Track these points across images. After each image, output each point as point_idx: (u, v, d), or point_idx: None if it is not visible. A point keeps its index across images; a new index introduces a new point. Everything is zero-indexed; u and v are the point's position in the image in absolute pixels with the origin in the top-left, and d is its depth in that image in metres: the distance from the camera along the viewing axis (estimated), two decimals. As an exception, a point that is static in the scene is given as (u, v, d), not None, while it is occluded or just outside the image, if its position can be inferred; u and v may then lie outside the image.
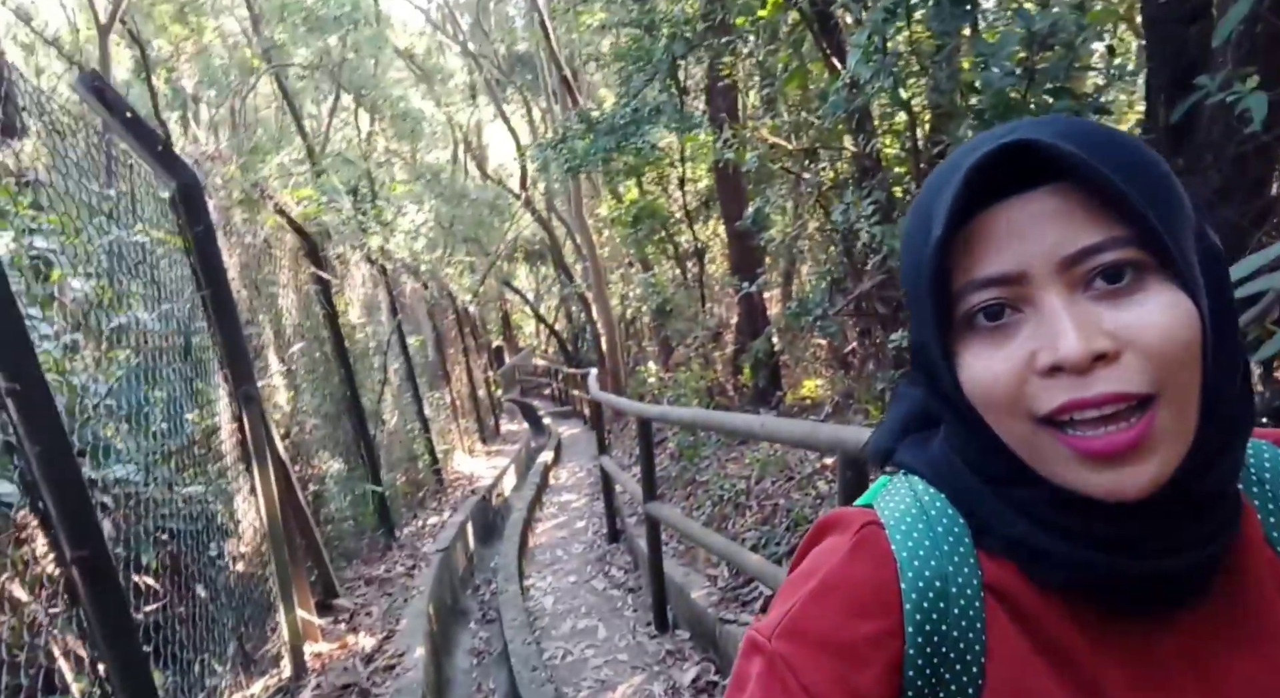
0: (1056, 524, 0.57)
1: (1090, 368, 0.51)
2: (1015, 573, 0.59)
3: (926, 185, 0.60)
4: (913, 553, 0.60)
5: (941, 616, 0.58)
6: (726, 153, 4.99)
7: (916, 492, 0.64)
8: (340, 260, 7.16)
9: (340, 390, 6.69)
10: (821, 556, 0.63)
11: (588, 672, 4.54)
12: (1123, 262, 0.52)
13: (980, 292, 0.54)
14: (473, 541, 7.76)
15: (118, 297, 3.39)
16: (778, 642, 0.58)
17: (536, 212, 20.86)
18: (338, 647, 4.29)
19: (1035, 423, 0.54)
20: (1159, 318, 0.51)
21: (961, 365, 0.57)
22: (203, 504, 3.63)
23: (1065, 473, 0.54)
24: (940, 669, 0.58)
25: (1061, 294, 0.53)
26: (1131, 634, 0.58)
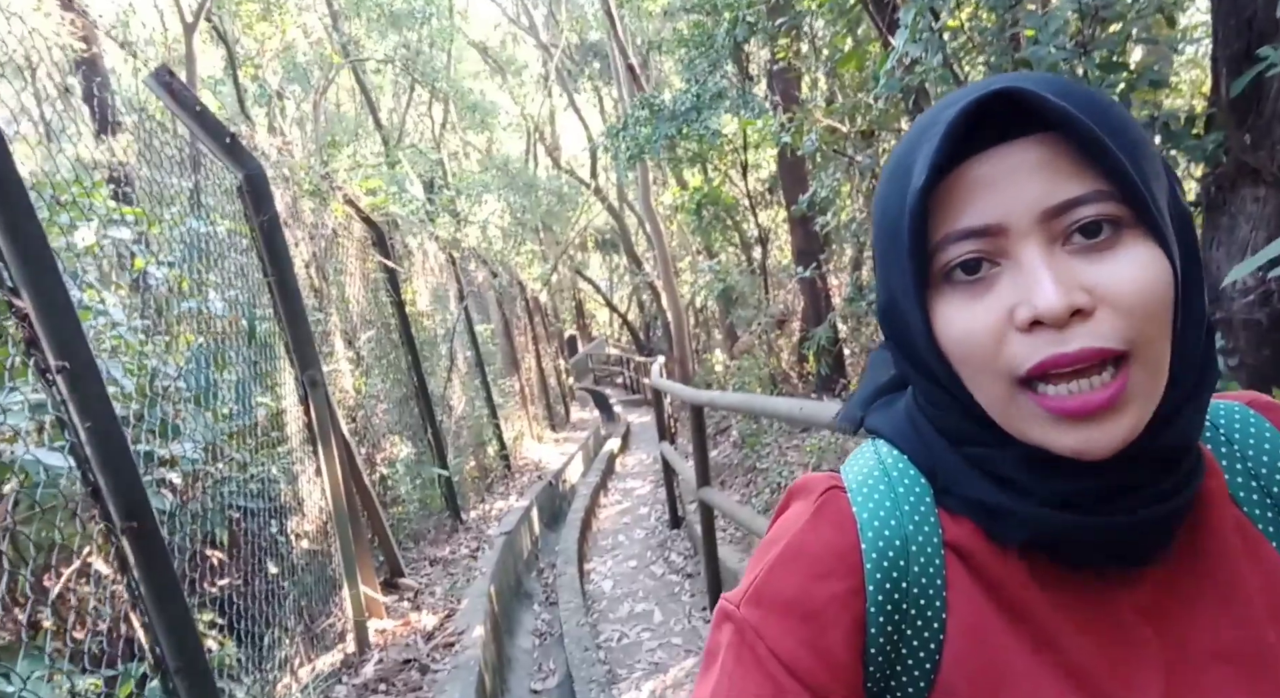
0: (1019, 484, 0.57)
1: (1068, 323, 0.50)
2: (975, 532, 0.60)
3: (904, 140, 0.59)
4: (873, 514, 0.60)
5: (902, 574, 0.58)
6: (784, 137, 4.93)
7: (880, 454, 0.65)
8: (408, 250, 7.34)
9: (408, 376, 6.87)
10: (786, 522, 0.63)
11: (641, 654, 4.58)
12: (1102, 216, 0.52)
13: (959, 244, 0.54)
14: (538, 525, 7.89)
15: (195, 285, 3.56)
16: (745, 610, 0.59)
17: (607, 200, 20.97)
18: (401, 624, 4.42)
19: (1011, 382, 0.53)
20: (1136, 273, 0.51)
21: (937, 321, 0.56)
22: (270, 483, 3.79)
23: (1037, 432, 0.54)
24: (902, 626, 0.58)
25: (1040, 247, 0.52)
26: (1092, 591, 0.58)
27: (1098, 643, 0.57)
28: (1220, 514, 0.60)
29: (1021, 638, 0.57)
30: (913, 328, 0.58)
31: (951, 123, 0.52)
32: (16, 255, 1.48)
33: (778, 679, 0.57)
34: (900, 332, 0.61)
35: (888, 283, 0.60)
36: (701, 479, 4.76)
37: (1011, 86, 0.52)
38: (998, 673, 0.56)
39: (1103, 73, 2.46)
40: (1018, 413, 0.54)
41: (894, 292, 0.59)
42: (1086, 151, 0.51)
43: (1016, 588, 0.58)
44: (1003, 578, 0.58)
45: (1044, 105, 0.51)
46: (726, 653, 0.59)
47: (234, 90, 13.01)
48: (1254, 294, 2.70)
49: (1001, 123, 0.53)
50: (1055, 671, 0.56)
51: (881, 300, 0.63)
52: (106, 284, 2.91)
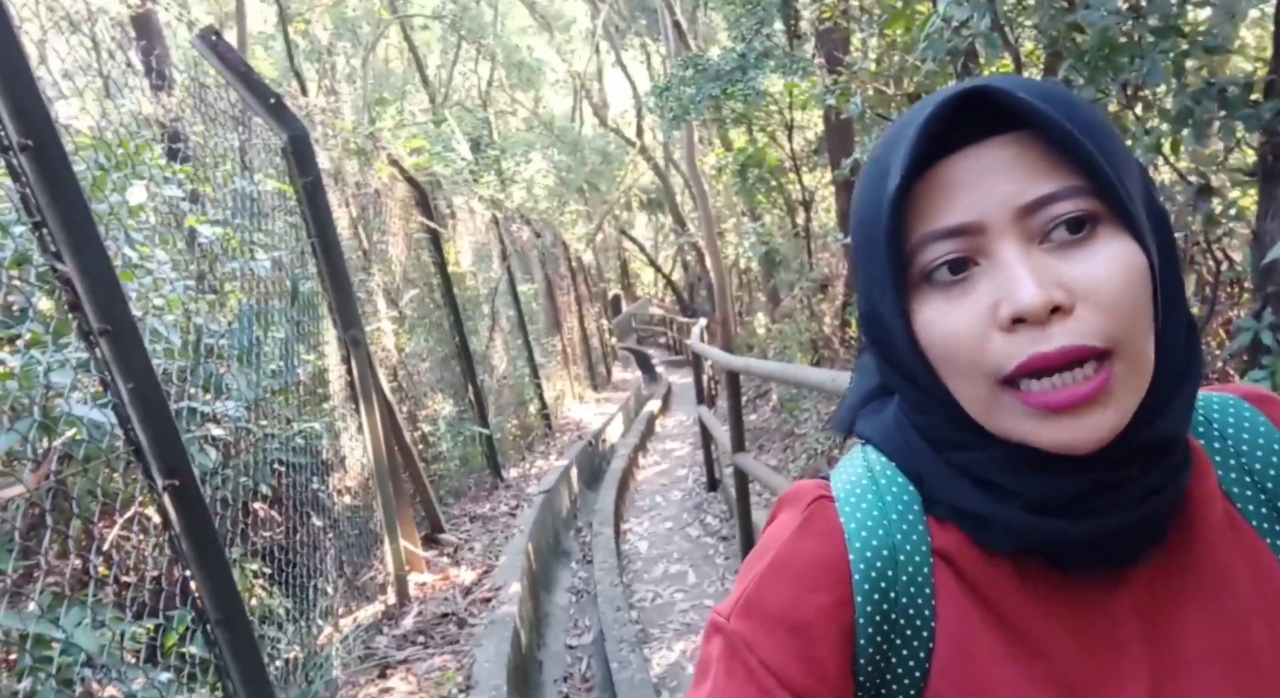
0: (1004, 488, 0.56)
1: (1048, 320, 0.50)
2: (963, 539, 0.59)
3: (880, 142, 0.59)
4: (860, 524, 0.60)
5: (890, 584, 0.58)
6: (829, 99, 4.82)
7: (869, 462, 0.65)
8: (452, 209, 7.38)
9: (450, 336, 6.96)
10: (774, 533, 0.64)
11: (674, 615, 4.65)
12: (1078, 212, 0.51)
13: (938, 245, 0.53)
14: (577, 484, 7.99)
15: (242, 245, 3.63)
16: (736, 622, 0.60)
17: (652, 160, 20.79)
18: (440, 578, 4.54)
19: (994, 382, 0.53)
20: (1113, 267, 0.51)
21: (918, 323, 0.56)
22: (314, 440, 3.89)
23: (1021, 429, 0.53)
24: (891, 636, 0.58)
25: (1018, 245, 0.52)
26: (1082, 594, 0.57)
27: (1087, 648, 0.56)
28: (1211, 510, 0.59)
29: (1010, 647, 0.57)
30: (893, 331, 0.58)
31: (925, 123, 0.51)
32: (60, 222, 1.52)
33: (770, 691, 0.57)
34: (881, 337, 0.61)
35: (868, 288, 0.60)
36: (737, 445, 4.77)
37: (983, 86, 0.52)
38: (985, 683, 0.56)
39: (1157, 38, 2.35)
40: (1001, 411, 0.54)
41: (874, 296, 0.59)
42: (1059, 148, 0.51)
43: (1005, 595, 0.58)
44: (991, 585, 0.58)
45: (1015, 103, 0.51)
46: (718, 666, 0.59)
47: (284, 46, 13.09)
48: (1312, 270, 2.60)
49: (975, 123, 0.53)
50: (1043, 681, 0.56)
51: (862, 306, 0.63)
52: (156, 242, 2.98)
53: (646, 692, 3.37)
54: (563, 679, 4.27)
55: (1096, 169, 0.51)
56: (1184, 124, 2.57)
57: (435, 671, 3.39)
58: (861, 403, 0.71)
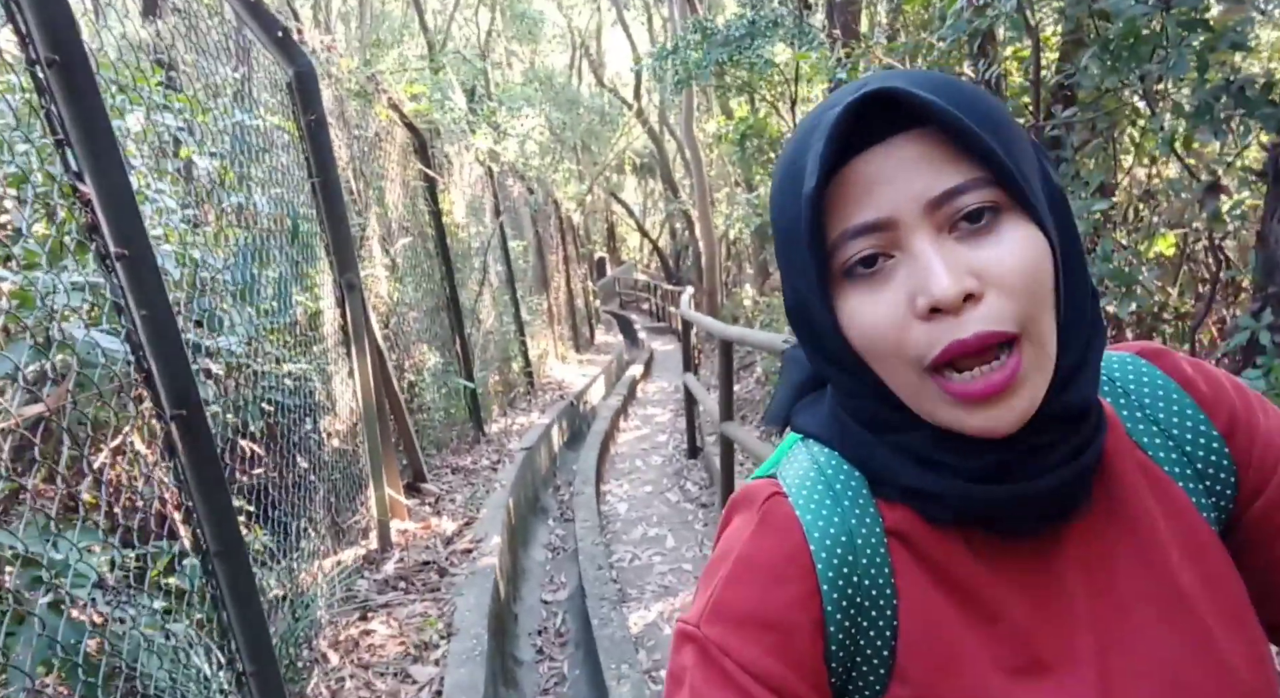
0: (940, 464, 0.59)
1: (962, 307, 0.53)
2: (912, 516, 0.62)
3: (790, 144, 0.61)
4: (816, 514, 0.62)
5: (852, 569, 0.60)
6: (840, 73, 4.78)
7: (813, 454, 0.67)
8: (448, 159, 7.29)
9: (440, 287, 6.91)
10: (732, 536, 0.64)
11: (652, 577, 4.70)
12: (982, 203, 0.54)
13: (855, 241, 0.56)
14: (558, 443, 8.02)
15: (238, 178, 3.56)
16: (707, 628, 0.60)
17: (648, 123, 20.58)
18: (421, 527, 4.56)
19: (918, 369, 0.56)
20: (1018, 253, 0.54)
21: (843, 316, 0.58)
22: (305, 382, 3.87)
23: (946, 416, 0.57)
24: (858, 619, 0.60)
25: (929, 237, 0.54)
26: (1025, 554, 0.61)
27: (1037, 604, 0.60)
28: (1125, 461, 0.63)
29: (968, 613, 0.59)
30: (820, 324, 0.60)
31: (834, 125, 0.54)
32: (82, 141, 1.48)
33: (749, 692, 0.58)
34: (809, 327, 0.63)
35: (793, 285, 0.62)
36: (725, 413, 4.80)
37: (883, 87, 0.54)
38: (948, 651, 0.59)
39: (1182, 30, 2.35)
40: (927, 398, 0.57)
41: (799, 291, 0.61)
42: (960, 142, 0.54)
43: (958, 565, 0.61)
44: (944, 557, 0.61)
45: (914, 102, 0.53)
46: (693, 674, 0.60)
47: (280, -19, 12.75)
48: (1314, 272, 2.63)
49: (881, 121, 0.55)
50: (999, 640, 0.59)
51: (789, 301, 0.65)
52: (154, 173, 2.92)
53: (627, 648, 3.42)
54: (537, 633, 4.33)
55: (996, 161, 0.54)
56: (1202, 119, 2.59)
57: (416, 616, 3.42)
58: (794, 397, 0.73)
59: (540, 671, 3.93)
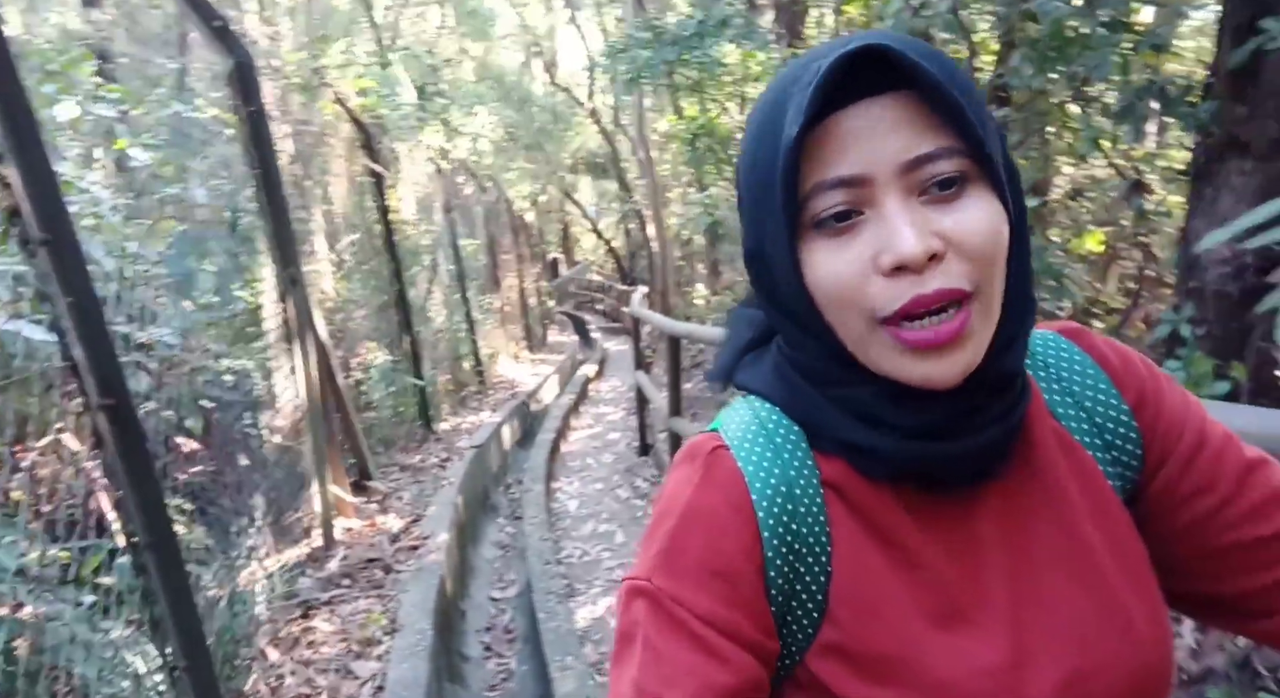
0: (880, 420, 0.62)
1: (925, 266, 0.55)
2: (847, 468, 0.65)
3: (767, 94, 0.62)
4: (758, 466, 0.64)
5: (791, 517, 0.63)
6: (787, 70, 4.84)
7: (754, 408, 0.69)
8: (396, 155, 7.22)
9: (388, 284, 6.85)
10: (677, 489, 0.66)
11: (600, 572, 4.71)
12: (953, 171, 0.57)
13: (829, 194, 0.57)
14: (509, 441, 7.98)
15: (176, 170, 3.49)
16: (658, 580, 0.61)
17: (600, 123, 20.55)
18: (367, 525, 4.51)
19: (872, 320, 0.58)
20: (981, 222, 0.57)
21: (807, 265, 0.60)
22: (245, 377, 3.81)
23: (892, 365, 0.59)
24: (796, 565, 0.63)
25: (899, 198, 0.56)
26: (948, 510, 0.64)
27: (956, 555, 0.63)
28: (1042, 428, 0.67)
29: (893, 561, 0.62)
30: (780, 273, 0.62)
31: (824, 74, 0.55)
32: (3, 119, 1.45)
33: (705, 639, 0.59)
34: (767, 277, 0.65)
35: (756, 231, 0.63)
36: (673, 409, 4.83)
37: (876, 44, 0.55)
38: (874, 596, 0.62)
39: (1108, 31, 2.44)
40: (877, 347, 0.59)
41: (763, 239, 0.63)
42: (939, 110, 0.56)
43: (887, 516, 0.63)
44: (874, 508, 0.64)
45: (904, 63, 0.55)
46: (646, 628, 0.61)
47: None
48: (1229, 266, 2.74)
49: (866, 79, 0.56)
50: (921, 587, 0.62)
51: (748, 248, 0.66)
52: (88, 163, 2.85)
53: (572, 642, 3.42)
54: (485, 630, 4.31)
55: (970, 132, 0.56)
56: (1125, 119, 2.68)
57: (360, 613, 3.39)
58: (738, 355, 0.75)
59: (488, 667, 3.91)
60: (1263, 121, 2.47)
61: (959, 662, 0.60)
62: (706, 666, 0.59)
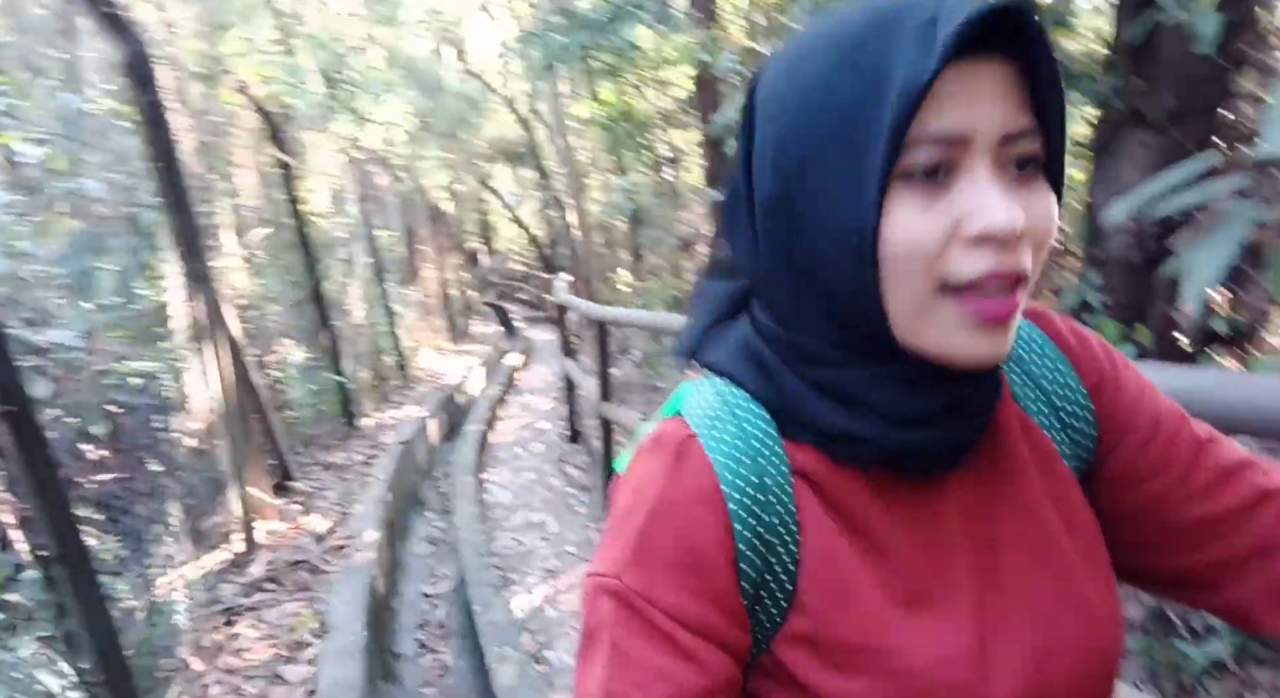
0: (866, 405, 0.60)
1: (1011, 241, 0.54)
2: (818, 456, 0.63)
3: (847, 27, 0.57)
4: (728, 455, 0.62)
5: (761, 507, 0.61)
6: (702, 54, 4.86)
7: (722, 393, 0.66)
8: (304, 146, 6.99)
9: (303, 279, 6.64)
10: (646, 482, 0.63)
11: (535, 561, 4.69)
12: (1036, 153, 0.55)
13: (930, 148, 0.54)
14: (436, 435, 7.86)
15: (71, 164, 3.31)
16: (629, 577, 0.59)
17: (517, 110, 20.29)
18: (291, 527, 4.39)
19: (938, 288, 0.55)
20: (1049, 212, 0.56)
21: (884, 220, 0.55)
22: (153, 380, 3.65)
23: (946, 339, 0.56)
24: (766, 556, 0.61)
25: (991, 167, 0.54)
26: (917, 497, 0.63)
27: (923, 543, 0.62)
28: (1007, 413, 0.67)
29: (862, 549, 0.62)
30: (836, 226, 0.57)
31: (968, 22, 0.51)
32: None
33: (676, 639, 0.57)
34: (795, 229, 0.60)
35: (805, 174, 0.58)
36: (603, 394, 4.83)
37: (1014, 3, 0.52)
38: (843, 585, 0.61)
39: (1012, 9, 2.51)
40: (933, 317, 0.56)
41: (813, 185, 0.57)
42: (1039, 88, 0.54)
43: (857, 504, 0.62)
44: (844, 495, 0.62)
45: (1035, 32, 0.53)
46: (615, 629, 0.58)
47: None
48: (1131, 235, 2.88)
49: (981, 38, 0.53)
50: (890, 575, 0.61)
51: (771, 196, 0.60)
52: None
53: (510, 632, 3.40)
54: (419, 627, 4.25)
55: (1057, 117, 0.55)
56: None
57: (288, 616, 3.29)
58: (705, 330, 0.71)
59: (422, 664, 3.86)
60: (1160, 94, 2.59)
61: (926, 648, 0.60)
62: (678, 668, 0.57)
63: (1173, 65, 2.54)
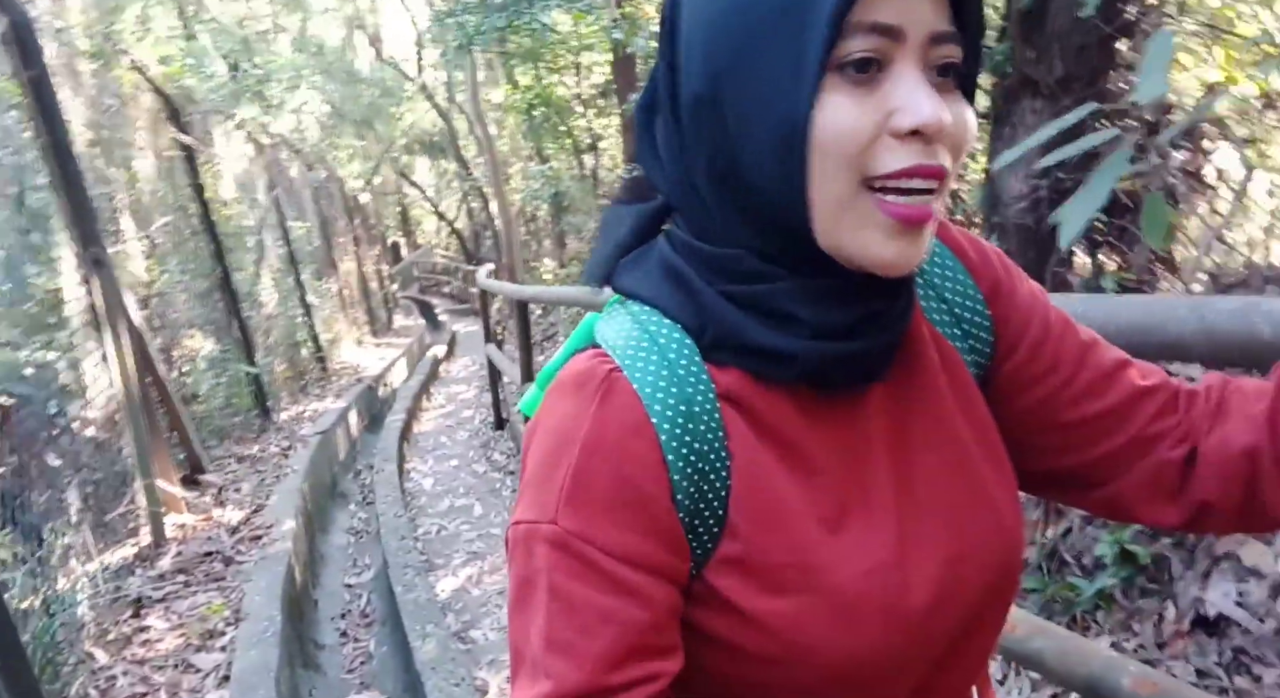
0: (792, 317, 0.60)
1: (935, 138, 0.54)
2: (742, 377, 0.63)
3: None
4: (654, 384, 0.61)
5: (691, 434, 0.60)
6: (616, 33, 4.86)
7: (641, 321, 0.64)
8: (209, 131, 6.74)
9: (211, 267, 6.41)
10: (572, 421, 0.61)
11: (460, 544, 4.65)
12: (957, 60, 0.56)
13: (864, 37, 0.54)
14: (356, 427, 7.69)
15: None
16: (564, 519, 0.57)
17: (434, 99, 19.92)
18: (203, 518, 4.24)
19: (860, 183, 0.55)
20: (965, 119, 0.56)
21: (817, 110, 0.55)
22: (48, 368, 3.48)
23: (865, 240, 0.56)
24: (699, 482, 0.60)
25: (919, 65, 0.54)
26: (839, 410, 0.64)
27: (847, 453, 0.63)
28: (918, 328, 0.68)
29: (790, 467, 0.62)
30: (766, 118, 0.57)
31: None
32: None
33: (621, 578, 0.56)
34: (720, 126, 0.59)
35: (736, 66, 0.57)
36: (526, 376, 4.81)
37: None
38: (772, 506, 0.61)
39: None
40: (855, 217, 0.56)
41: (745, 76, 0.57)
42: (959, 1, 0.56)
43: (783, 422, 0.62)
44: (771, 415, 0.62)
45: None
46: (553, 574, 0.56)
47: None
48: (1026, 201, 2.99)
49: None
50: (817, 491, 0.62)
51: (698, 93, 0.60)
52: None
53: (433, 611, 3.36)
54: (340, 616, 4.17)
55: (976, 28, 0.56)
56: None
57: (199, 606, 3.19)
58: (616, 254, 0.69)
59: (344, 652, 3.78)
60: (1050, 62, 2.69)
61: (852, 563, 0.60)
62: (622, 606, 0.56)
63: (1061, 33, 2.65)
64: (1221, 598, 1.98)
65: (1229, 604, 1.96)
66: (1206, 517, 0.69)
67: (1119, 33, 2.77)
